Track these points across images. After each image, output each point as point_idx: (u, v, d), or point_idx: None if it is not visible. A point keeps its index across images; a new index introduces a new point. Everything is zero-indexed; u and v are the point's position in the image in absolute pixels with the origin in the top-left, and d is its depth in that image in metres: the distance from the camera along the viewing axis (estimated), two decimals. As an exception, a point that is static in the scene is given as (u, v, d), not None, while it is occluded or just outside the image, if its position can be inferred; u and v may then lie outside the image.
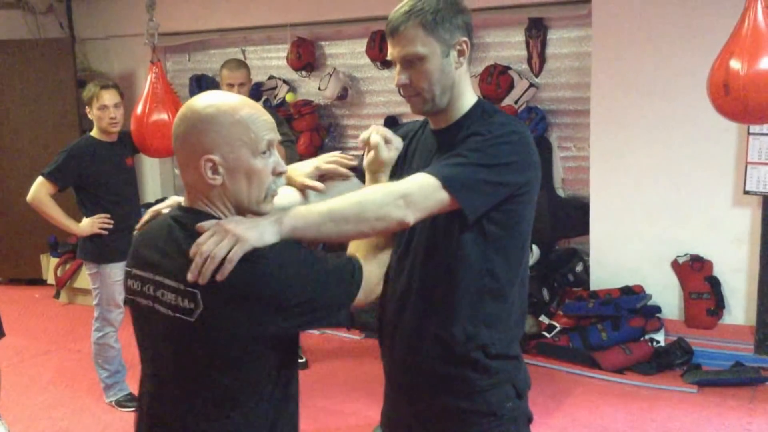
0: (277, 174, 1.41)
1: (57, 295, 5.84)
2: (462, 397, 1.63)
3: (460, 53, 1.62)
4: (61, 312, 5.63)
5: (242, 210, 1.40)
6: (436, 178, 1.48)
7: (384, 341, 1.77)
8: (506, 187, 1.55)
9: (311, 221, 1.38)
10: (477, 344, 1.60)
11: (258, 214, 1.39)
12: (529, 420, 1.73)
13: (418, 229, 1.57)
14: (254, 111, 1.39)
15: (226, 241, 1.26)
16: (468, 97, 1.66)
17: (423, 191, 1.47)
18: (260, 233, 1.30)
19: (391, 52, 1.61)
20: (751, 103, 2.48)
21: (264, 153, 1.37)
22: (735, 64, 2.54)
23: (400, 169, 1.71)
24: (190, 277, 1.28)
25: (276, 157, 1.41)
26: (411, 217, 1.46)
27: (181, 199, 1.50)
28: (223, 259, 1.26)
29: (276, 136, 1.41)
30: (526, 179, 1.58)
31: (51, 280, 5.96)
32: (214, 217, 1.37)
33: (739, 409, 3.62)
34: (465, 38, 1.62)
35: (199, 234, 1.31)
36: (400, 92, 1.69)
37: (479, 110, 1.65)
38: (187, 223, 1.37)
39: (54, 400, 4.02)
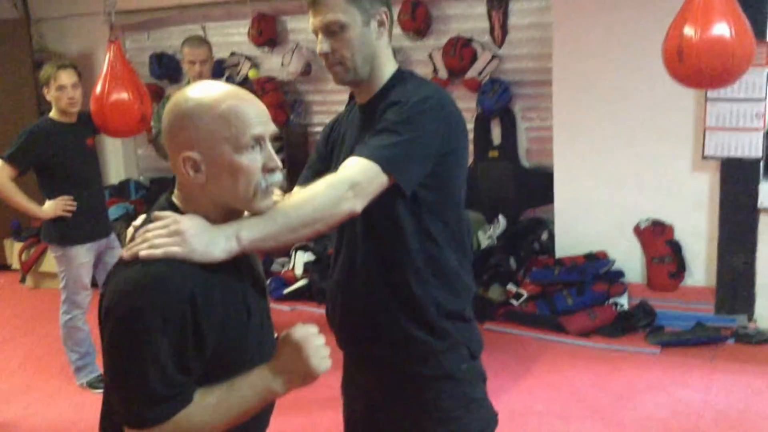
0: (269, 170, 1.30)
1: (23, 280, 5.77)
2: (417, 362, 1.66)
3: (380, 23, 1.65)
4: (28, 297, 5.56)
5: (232, 210, 1.32)
6: (375, 162, 1.50)
7: (335, 318, 1.78)
8: (436, 155, 1.59)
9: (269, 232, 1.33)
10: (428, 306, 1.64)
11: (254, 212, 1.33)
12: (483, 379, 1.77)
13: None
14: (239, 103, 1.28)
15: (170, 238, 1.23)
16: (389, 68, 1.69)
17: (367, 178, 1.49)
18: (207, 246, 1.25)
19: (313, 21, 1.63)
20: (704, 69, 2.53)
21: (251, 148, 1.27)
22: (688, 31, 2.58)
23: (337, 151, 1.74)
24: (122, 251, 1.26)
25: (268, 152, 1.30)
26: (359, 206, 1.48)
27: None
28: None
29: (267, 129, 1.31)
30: (451, 138, 1.62)
31: (16, 265, 5.88)
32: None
33: (701, 367, 3.74)
34: (385, 8, 1.65)
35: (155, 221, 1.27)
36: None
37: (399, 77, 1.68)
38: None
39: (25, 384, 3.99)
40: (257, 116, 1.29)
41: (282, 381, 1.29)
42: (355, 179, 1.47)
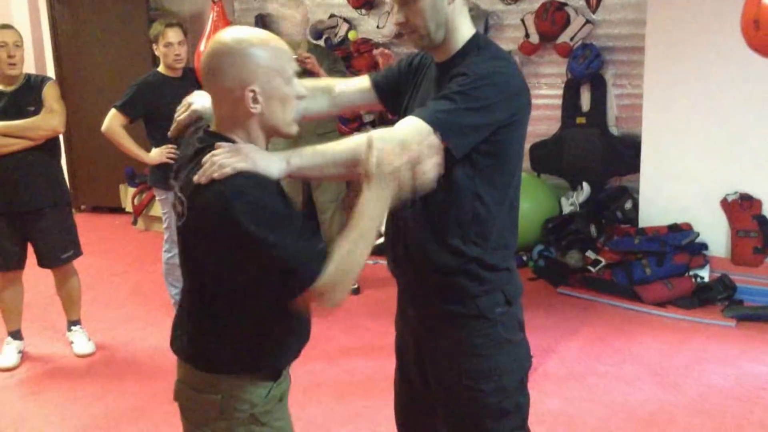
0: (300, 98, 1.55)
1: (134, 222, 6.29)
2: (456, 303, 1.82)
3: None
4: (138, 237, 6.07)
5: (274, 134, 1.54)
6: (428, 124, 1.62)
7: (390, 256, 1.95)
8: (491, 126, 1.69)
9: (316, 163, 1.54)
10: (470, 258, 1.78)
11: (287, 136, 1.55)
12: (521, 325, 1.90)
13: None
14: (278, 42, 1.52)
15: (235, 157, 1.43)
16: (464, 31, 1.77)
17: (417, 137, 1.60)
18: (267, 164, 1.47)
19: None
20: (781, 38, 2.50)
21: (291, 79, 1.51)
22: (766, 0, 2.54)
23: (410, 99, 1.87)
24: (195, 178, 1.44)
25: (298, 83, 1.54)
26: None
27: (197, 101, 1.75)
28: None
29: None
30: (511, 112, 1.71)
31: (129, 208, 6.41)
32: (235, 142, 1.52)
33: (776, 343, 3.69)
34: None
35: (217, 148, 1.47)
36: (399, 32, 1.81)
37: (475, 45, 1.77)
38: (211, 145, 1.51)
39: (130, 314, 4.43)
40: (290, 53, 1.53)
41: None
42: (405, 137, 1.60)
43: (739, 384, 3.29)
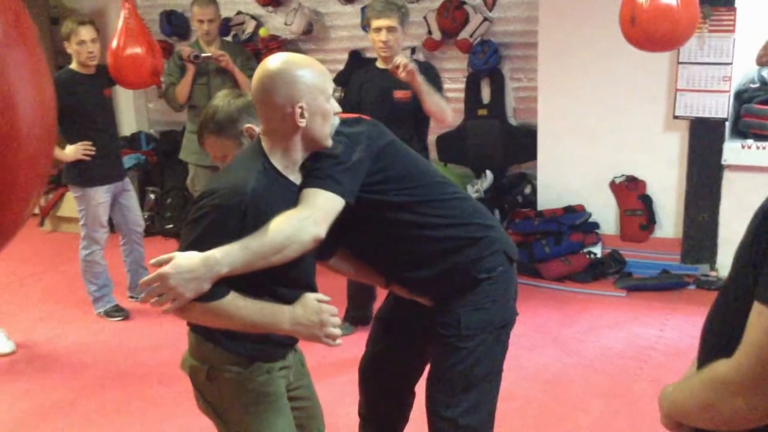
0: (336, 114, 1.78)
1: (41, 224, 6.16)
2: (462, 284, 1.99)
3: (251, 136, 1.95)
4: (47, 239, 5.96)
5: (312, 147, 1.75)
6: (335, 194, 1.76)
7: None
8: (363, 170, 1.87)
9: (245, 260, 1.62)
10: (446, 239, 1.99)
11: (324, 148, 1.76)
12: (514, 283, 2.10)
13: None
14: (320, 66, 1.77)
15: (166, 296, 1.61)
16: None
17: (329, 206, 1.75)
18: (198, 285, 1.60)
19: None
20: (653, 33, 2.83)
21: (330, 98, 1.75)
22: (641, -1, 2.87)
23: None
24: (142, 297, 1.66)
25: (334, 101, 1.77)
26: (323, 232, 1.74)
27: None
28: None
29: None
30: (371, 160, 1.89)
31: (35, 209, 6.25)
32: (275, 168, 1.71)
33: (661, 309, 4.10)
34: (250, 124, 1.94)
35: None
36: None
37: None
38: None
39: (46, 314, 4.39)
40: (330, 75, 1.80)
41: (290, 328, 1.71)
42: (319, 211, 1.73)
43: (630, 345, 3.67)
